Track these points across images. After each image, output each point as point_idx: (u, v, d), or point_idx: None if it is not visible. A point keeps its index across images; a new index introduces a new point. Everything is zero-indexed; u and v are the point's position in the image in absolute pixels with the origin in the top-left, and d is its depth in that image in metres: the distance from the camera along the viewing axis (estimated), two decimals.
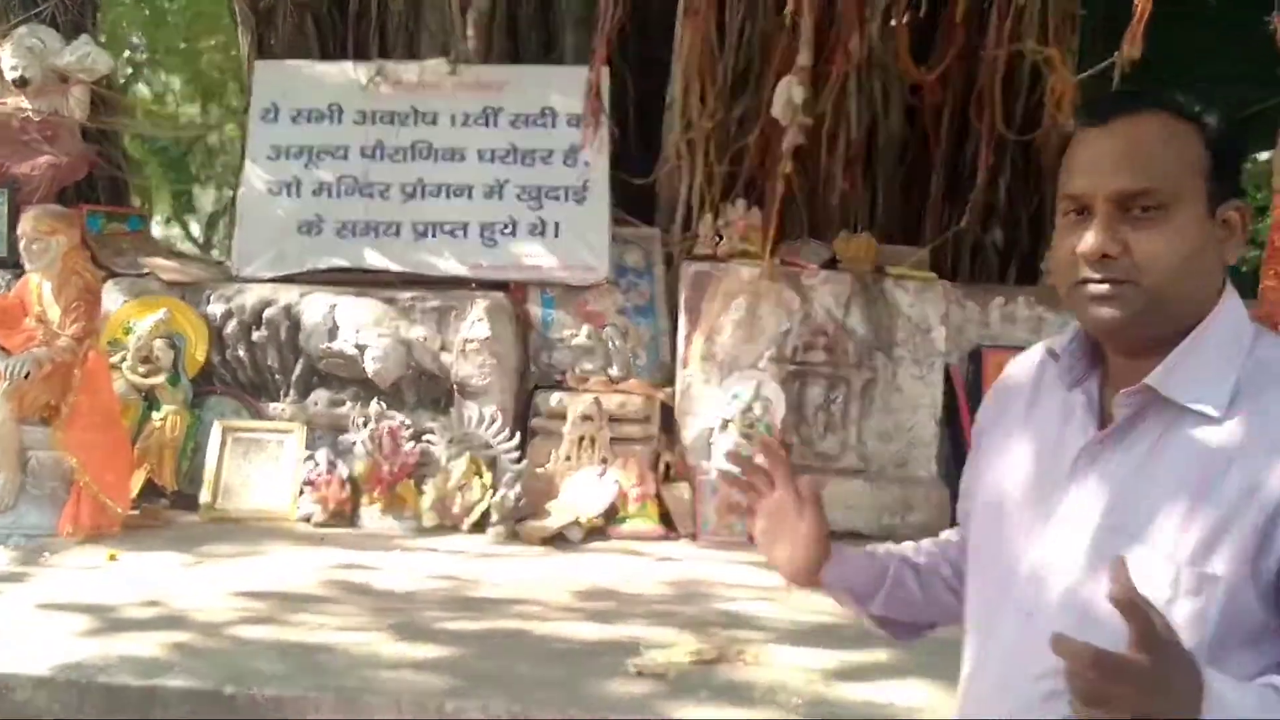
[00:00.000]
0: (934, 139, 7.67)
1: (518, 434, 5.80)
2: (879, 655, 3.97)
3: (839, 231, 6.67)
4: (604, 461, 5.70)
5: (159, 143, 15.04)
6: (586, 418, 5.82)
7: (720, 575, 5.02)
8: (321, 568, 4.87)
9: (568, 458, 5.81)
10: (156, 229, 18.41)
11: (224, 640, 3.87)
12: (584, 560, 5.20)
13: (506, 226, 6.48)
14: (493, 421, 5.78)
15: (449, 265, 6.44)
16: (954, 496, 6.16)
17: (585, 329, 6.25)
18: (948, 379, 6.13)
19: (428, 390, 6.07)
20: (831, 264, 6.22)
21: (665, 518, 5.65)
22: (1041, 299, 6.79)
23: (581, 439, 5.81)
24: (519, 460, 5.71)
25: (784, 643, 4.07)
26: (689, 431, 5.97)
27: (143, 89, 16.00)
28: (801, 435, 6.02)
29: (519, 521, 5.46)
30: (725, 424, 5.85)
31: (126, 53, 14.24)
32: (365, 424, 5.75)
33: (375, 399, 5.85)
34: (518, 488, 5.54)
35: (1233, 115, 1.43)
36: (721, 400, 5.84)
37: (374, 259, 6.44)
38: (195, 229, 17.39)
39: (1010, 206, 8.01)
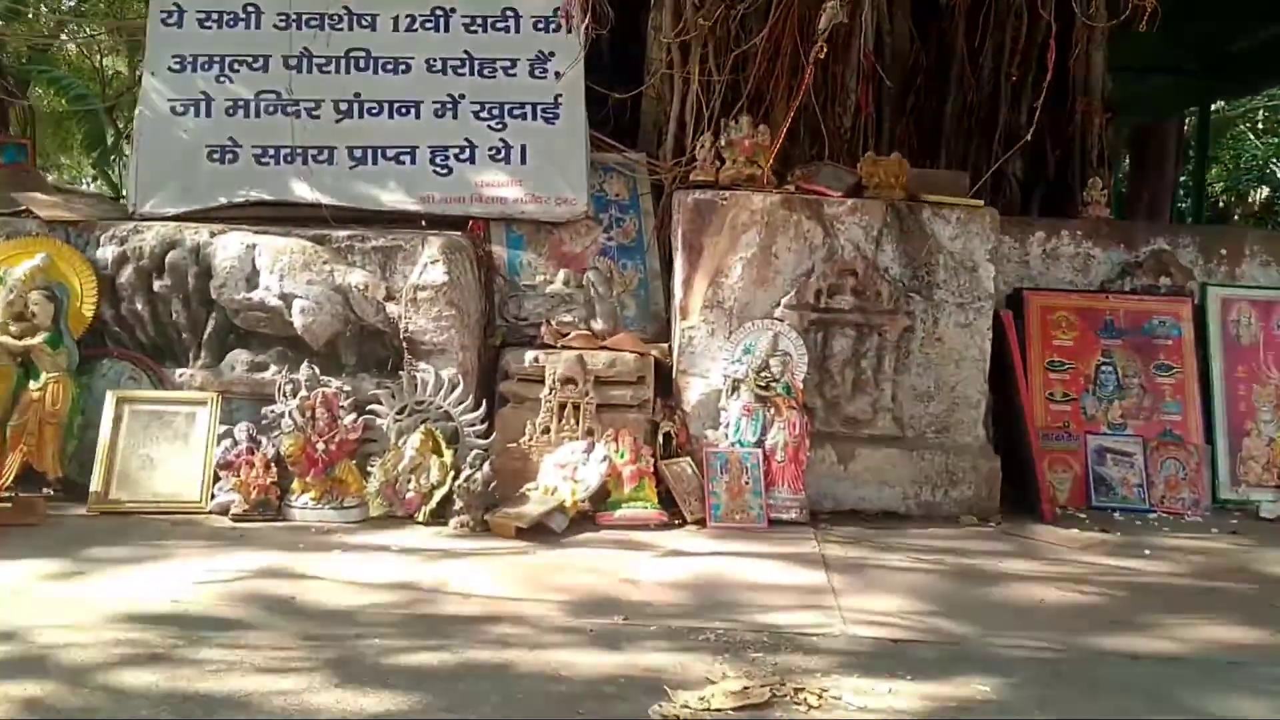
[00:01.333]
0: (955, 52, 6.72)
1: (483, 402, 4.96)
2: (976, 685, 3.10)
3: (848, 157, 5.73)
4: (590, 433, 4.89)
5: (75, 90, 13.99)
6: (568, 380, 4.93)
7: (744, 573, 4.11)
8: (237, 577, 3.89)
9: (546, 430, 4.92)
10: (85, 186, 17.42)
11: (97, 692, 2.90)
12: (571, 557, 4.25)
13: (463, 150, 5.63)
14: (452, 387, 4.93)
15: (393, 198, 5.60)
16: (1009, 465, 5.09)
17: (562, 273, 5.49)
18: (997, 326, 5.16)
19: (371, 350, 5.20)
20: (856, 190, 5.24)
21: (666, 499, 4.84)
22: (1089, 234, 6.02)
23: (562, 406, 4.93)
24: (486, 434, 4.89)
25: (849, 671, 3.17)
26: (691, 395, 5.13)
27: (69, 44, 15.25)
28: (826, 396, 5.13)
29: (488, 510, 4.60)
30: (735, 385, 5.02)
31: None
32: (294, 392, 4.77)
33: (306, 361, 4.93)
34: (485, 468, 4.62)
35: None
36: (730, 356, 5.03)
37: (302, 191, 5.56)
38: (127, 189, 16.21)
39: (1034, 133, 7.08)
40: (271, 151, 5.56)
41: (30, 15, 12.10)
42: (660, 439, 4.96)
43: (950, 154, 7.02)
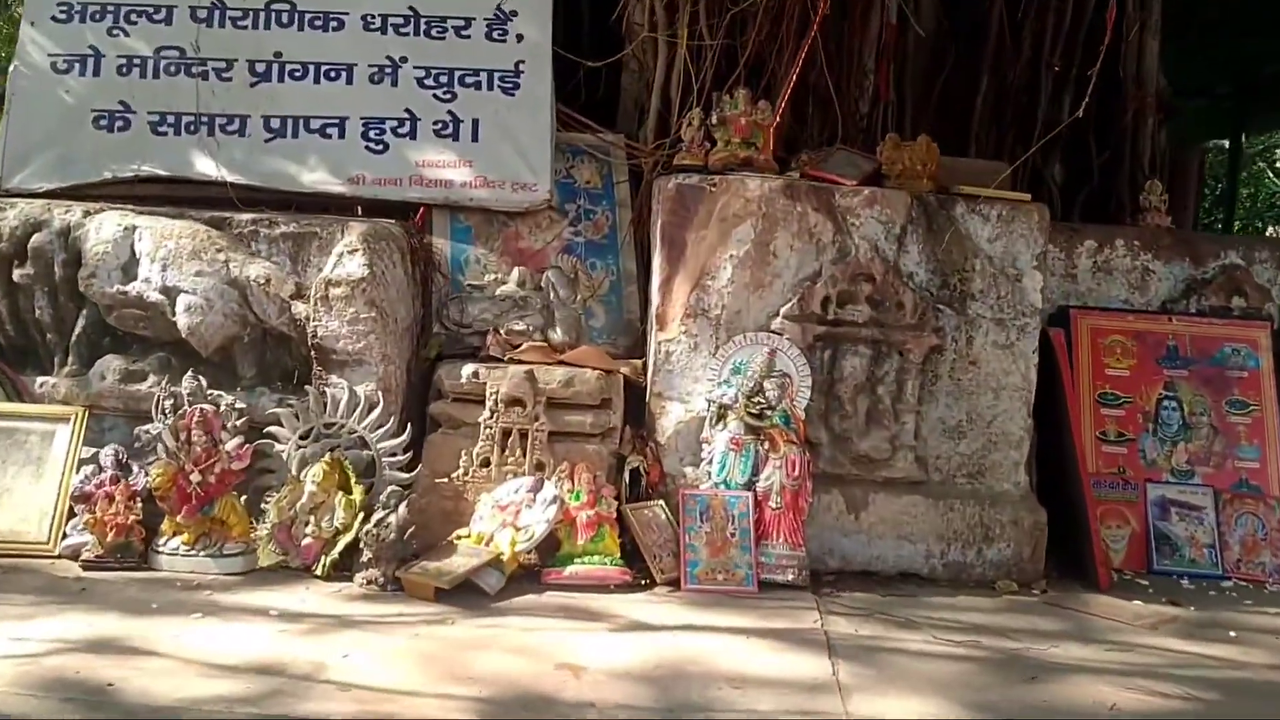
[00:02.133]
0: (989, 34, 5.96)
1: (409, 425, 4.16)
2: None
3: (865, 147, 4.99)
4: (539, 468, 4.07)
5: None
6: (514, 402, 4.07)
7: (724, 657, 3.22)
8: (50, 650, 2.97)
9: (485, 462, 4.07)
10: None
11: None
12: (501, 630, 3.35)
13: (402, 124, 4.87)
14: (370, 406, 4.10)
15: (315, 177, 4.79)
16: (1053, 518, 3.86)
17: (516, 272, 4.70)
18: (1044, 347, 4.35)
19: (275, 359, 4.36)
20: (875, 179, 4.44)
21: (632, 553, 4.00)
22: (1148, 245, 5.23)
23: (506, 434, 4.07)
24: (410, 466, 4.08)
25: None
26: (667, 423, 4.27)
27: None
28: (834, 429, 4.27)
29: (404, 563, 3.69)
30: (722, 412, 4.18)
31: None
32: (175, 408, 3.93)
33: (190, 371, 3.99)
34: (402, 510, 3.73)
35: None
36: (716, 377, 4.25)
37: (205, 166, 4.76)
38: None
39: (1076, 131, 6.30)
40: (171, 119, 4.77)
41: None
42: (627, 477, 4.15)
43: (980, 150, 6.30)
